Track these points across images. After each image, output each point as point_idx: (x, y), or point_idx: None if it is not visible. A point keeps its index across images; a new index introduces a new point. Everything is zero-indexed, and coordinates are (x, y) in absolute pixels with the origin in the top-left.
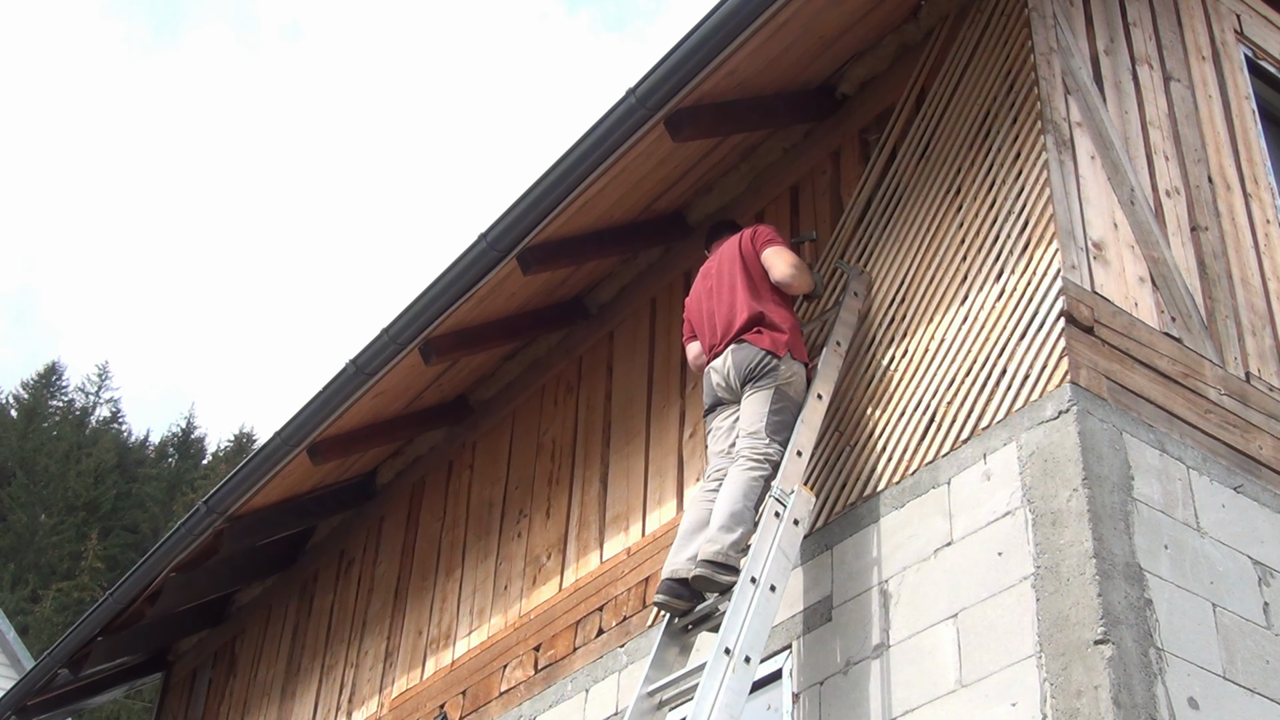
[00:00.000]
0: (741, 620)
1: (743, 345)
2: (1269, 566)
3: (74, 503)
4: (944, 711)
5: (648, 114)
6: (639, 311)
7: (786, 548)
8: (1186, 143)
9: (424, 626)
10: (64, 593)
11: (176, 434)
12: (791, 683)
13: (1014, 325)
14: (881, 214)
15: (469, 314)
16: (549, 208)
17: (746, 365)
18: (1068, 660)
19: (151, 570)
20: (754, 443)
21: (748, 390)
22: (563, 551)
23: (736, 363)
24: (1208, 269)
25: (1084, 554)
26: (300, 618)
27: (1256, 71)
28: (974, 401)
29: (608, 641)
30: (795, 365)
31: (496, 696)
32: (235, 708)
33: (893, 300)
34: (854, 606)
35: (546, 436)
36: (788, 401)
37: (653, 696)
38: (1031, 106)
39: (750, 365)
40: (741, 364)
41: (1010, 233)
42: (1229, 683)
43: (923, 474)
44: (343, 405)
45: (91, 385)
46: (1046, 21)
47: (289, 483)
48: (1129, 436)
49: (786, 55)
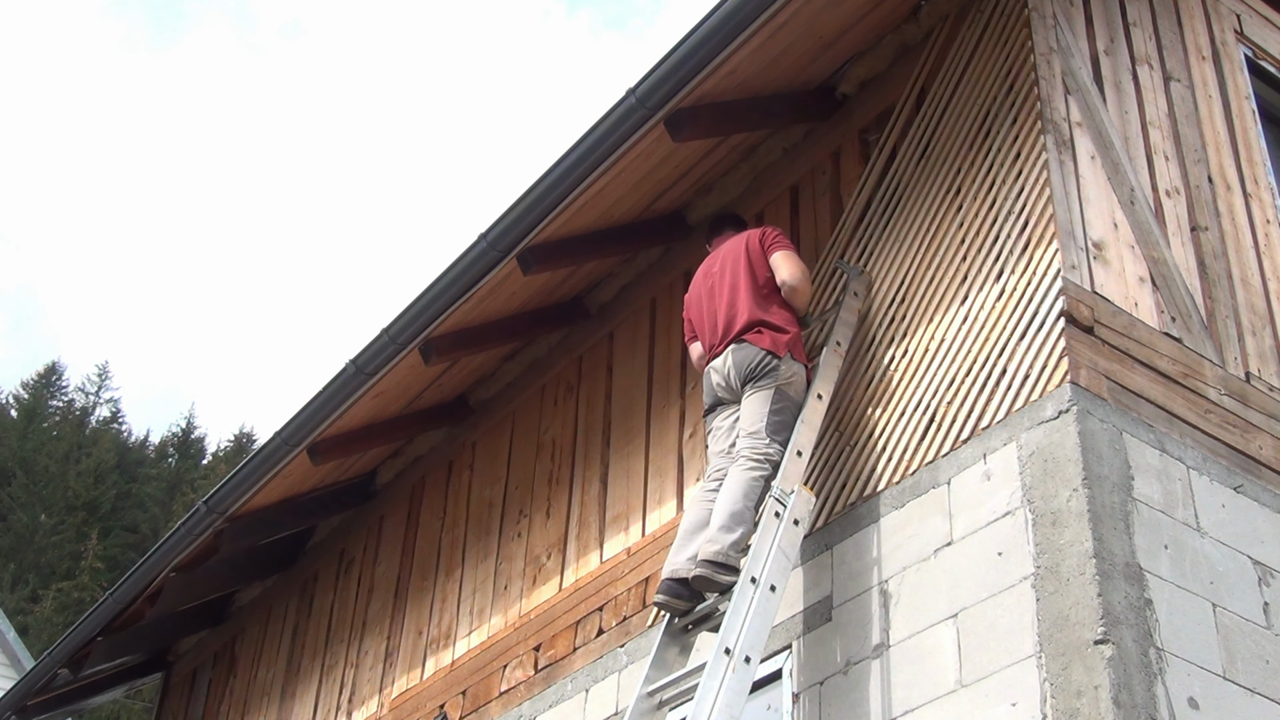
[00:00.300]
0: (741, 620)
1: (743, 345)
2: (1269, 566)
3: (74, 503)
4: (944, 711)
5: (648, 114)
6: (639, 311)
7: (786, 548)
8: (1186, 143)
9: (424, 626)
10: (64, 593)
11: (176, 434)
12: (791, 683)
13: (1014, 325)
14: (881, 214)
15: (469, 314)
16: (549, 208)
17: (747, 365)
18: (1068, 660)
19: (151, 570)
20: (754, 443)
21: (748, 390)
22: (563, 551)
23: (737, 363)
24: (1208, 269)
25: (1084, 554)
26: (300, 618)
27: (1256, 71)
28: (974, 401)
29: (608, 641)
30: (795, 365)
31: (496, 696)
32: (235, 708)
33: (893, 300)
34: (854, 606)
35: (546, 436)
36: (788, 402)
37: (653, 696)
38: (1031, 106)
39: (750, 365)
40: (742, 364)
41: (1010, 233)
42: (1229, 683)
43: (923, 474)
44: (343, 405)
45: (91, 385)
46: (1046, 21)
47: (289, 483)
48: (1129, 436)
49: (786, 55)
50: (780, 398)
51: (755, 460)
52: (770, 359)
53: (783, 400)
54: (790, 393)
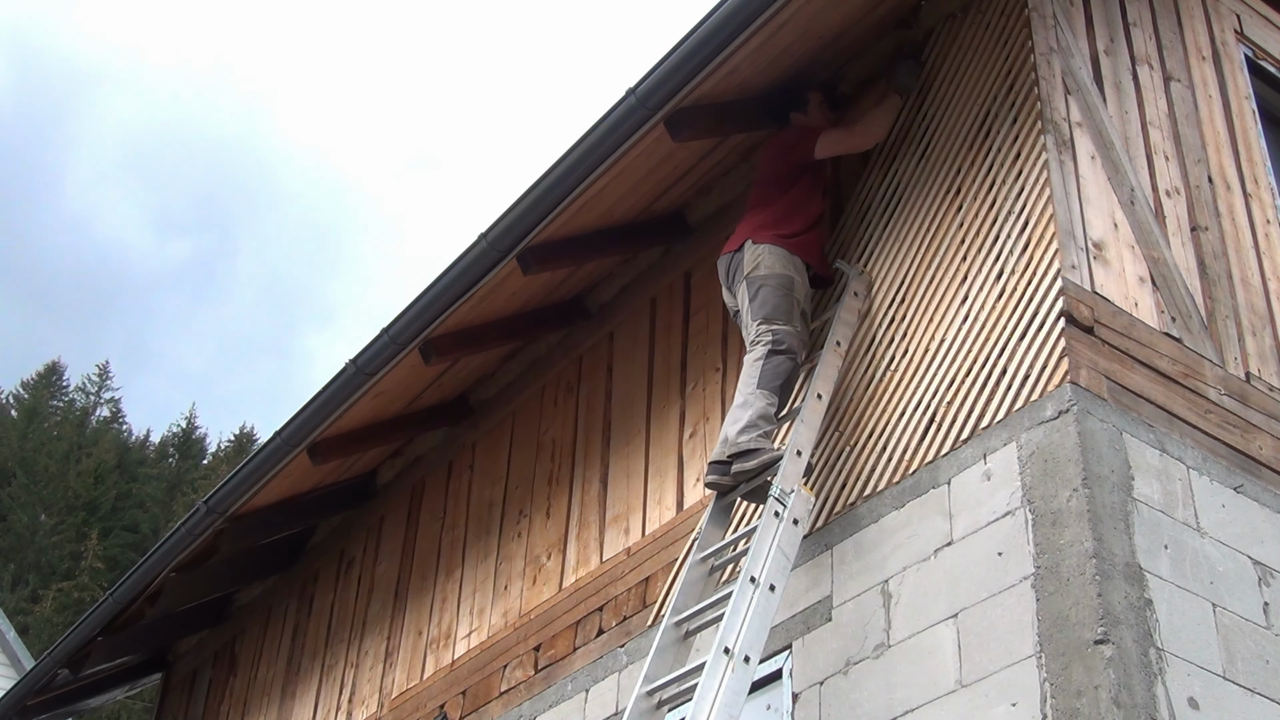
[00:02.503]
0: (741, 620)
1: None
2: (1269, 566)
3: (74, 503)
4: (944, 711)
5: (648, 114)
6: (639, 311)
7: (786, 547)
8: (1186, 143)
9: (424, 626)
10: (64, 593)
11: (176, 434)
12: (791, 683)
13: (1014, 325)
14: (881, 214)
15: (469, 314)
16: (549, 208)
17: (721, 273)
18: (1068, 660)
19: (151, 570)
20: (749, 334)
21: (736, 293)
22: (563, 551)
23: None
24: (1208, 269)
25: (1084, 554)
26: (300, 618)
27: (1256, 71)
28: (974, 401)
29: (608, 641)
30: (756, 248)
31: (496, 696)
32: (235, 708)
33: (893, 300)
34: (854, 606)
35: (546, 436)
36: (761, 283)
37: (652, 696)
38: (1031, 106)
39: (723, 272)
40: (721, 274)
41: (1010, 233)
42: (1229, 683)
43: (923, 474)
44: (343, 405)
45: (92, 385)
46: (1046, 21)
47: (289, 483)
48: (1129, 436)
49: (786, 55)
50: (750, 284)
51: (751, 348)
52: (733, 258)
53: (755, 285)
54: (761, 272)
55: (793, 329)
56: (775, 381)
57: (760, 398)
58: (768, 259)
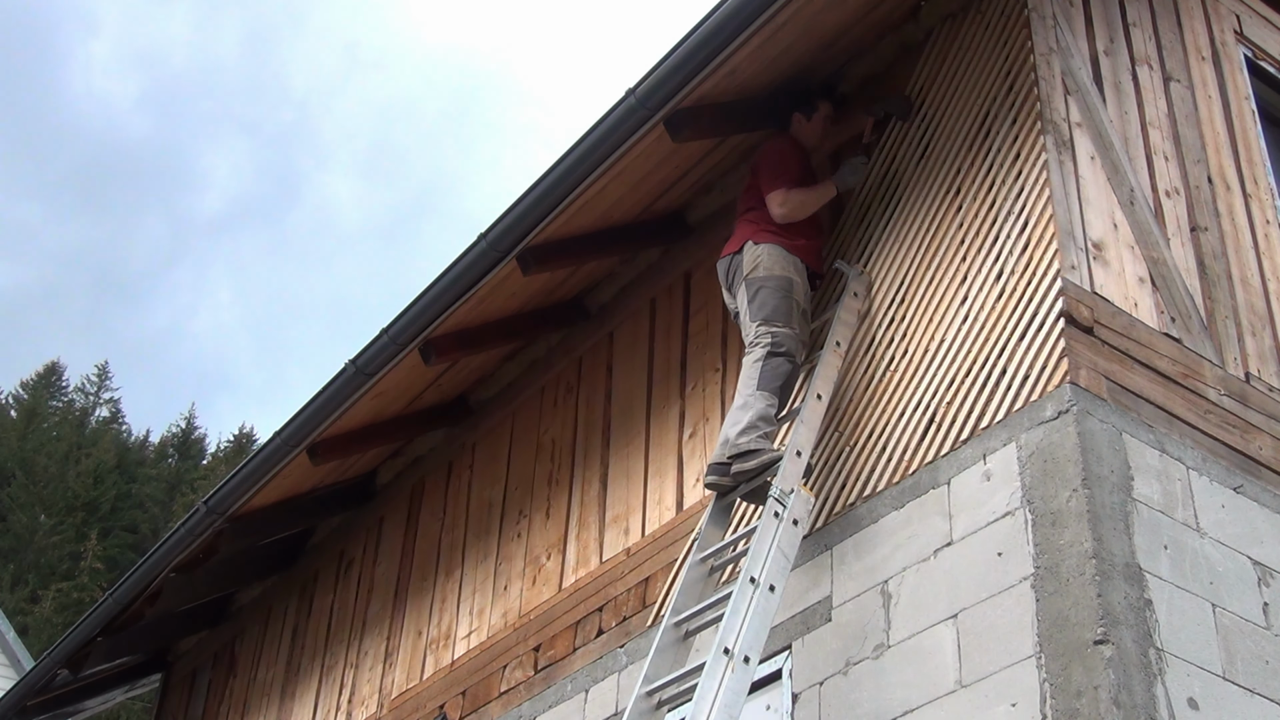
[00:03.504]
0: (741, 620)
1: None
2: (1269, 567)
3: (74, 503)
4: (944, 711)
5: (648, 114)
6: (639, 311)
7: (786, 548)
8: (1186, 143)
9: (424, 626)
10: (64, 593)
11: (176, 434)
12: (791, 683)
13: (1014, 325)
14: (881, 214)
15: (469, 314)
16: (549, 208)
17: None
18: (1067, 660)
19: (151, 570)
20: (748, 335)
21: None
22: (562, 552)
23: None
24: (1208, 269)
25: (1084, 554)
26: (300, 618)
27: (1256, 72)
28: (974, 401)
29: (607, 642)
30: (756, 249)
31: (496, 697)
32: (235, 708)
33: (893, 300)
34: (854, 606)
35: (546, 436)
36: (760, 284)
37: (652, 696)
38: (1031, 107)
39: (723, 274)
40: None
41: (1010, 233)
42: (1229, 683)
43: (922, 474)
44: (343, 405)
45: (91, 385)
46: (1046, 22)
47: (289, 483)
48: (1129, 437)
49: (786, 55)
50: (750, 286)
51: (750, 350)
52: (733, 260)
53: (754, 286)
54: (760, 273)
55: (792, 331)
56: (775, 383)
57: (760, 399)
58: (767, 260)
